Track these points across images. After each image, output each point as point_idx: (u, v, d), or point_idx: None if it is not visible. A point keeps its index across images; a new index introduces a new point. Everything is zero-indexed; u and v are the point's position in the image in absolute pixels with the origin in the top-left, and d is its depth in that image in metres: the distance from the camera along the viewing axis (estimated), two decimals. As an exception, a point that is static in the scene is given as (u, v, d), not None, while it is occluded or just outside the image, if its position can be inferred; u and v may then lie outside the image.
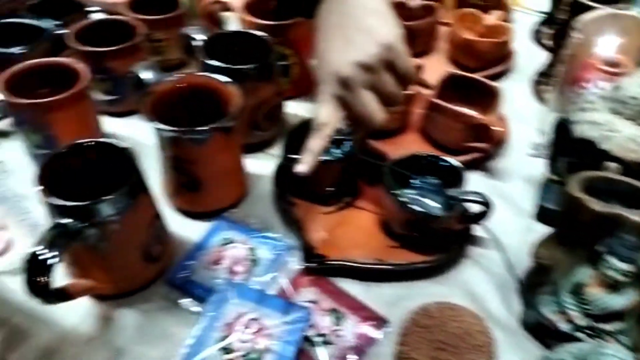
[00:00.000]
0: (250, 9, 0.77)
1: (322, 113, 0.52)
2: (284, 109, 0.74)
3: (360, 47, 0.49)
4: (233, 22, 0.88)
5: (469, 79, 0.74)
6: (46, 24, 0.78)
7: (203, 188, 0.59)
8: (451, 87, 0.73)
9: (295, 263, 0.57)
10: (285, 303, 0.51)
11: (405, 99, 0.71)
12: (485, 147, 0.68)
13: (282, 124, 0.75)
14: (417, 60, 0.78)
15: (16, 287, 0.55)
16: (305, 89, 0.83)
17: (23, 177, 0.66)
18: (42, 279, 0.42)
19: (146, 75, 0.59)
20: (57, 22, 0.79)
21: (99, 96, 0.73)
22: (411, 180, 0.61)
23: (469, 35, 0.86)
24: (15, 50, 0.73)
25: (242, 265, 0.57)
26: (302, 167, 0.53)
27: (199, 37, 0.70)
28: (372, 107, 0.51)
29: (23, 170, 0.68)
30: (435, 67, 0.85)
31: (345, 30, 0.50)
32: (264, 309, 0.51)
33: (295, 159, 0.61)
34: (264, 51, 0.68)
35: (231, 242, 0.59)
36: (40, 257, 0.42)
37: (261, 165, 0.69)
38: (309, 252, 0.57)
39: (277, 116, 0.72)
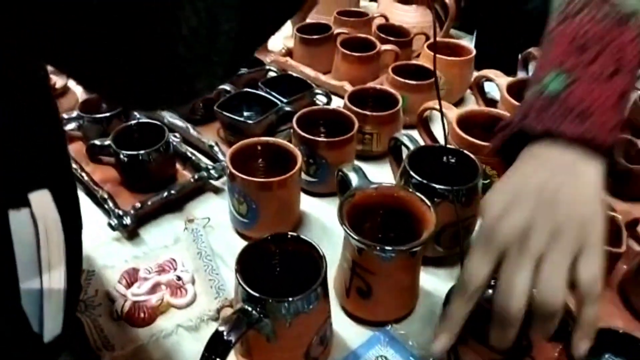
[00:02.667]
0: (461, 124, 0.77)
1: (473, 268, 0.44)
2: (473, 230, 0.72)
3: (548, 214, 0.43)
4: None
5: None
6: (276, 99, 0.87)
7: (374, 298, 0.60)
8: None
9: (446, 405, 0.54)
10: None
11: (609, 255, 0.64)
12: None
13: (467, 244, 0.73)
14: (633, 212, 0.71)
15: (188, 341, 0.59)
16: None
17: (221, 236, 0.73)
18: (217, 359, 0.45)
19: (353, 178, 0.62)
20: (286, 99, 0.87)
21: (302, 175, 0.78)
22: (603, 356, 0.54)
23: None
24: (247, 118, 0.82)
25: (391, 390, 0.55)
26: (440, 344, 0.45)
27: (407, 144, 0.71)
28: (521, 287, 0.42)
29: (223, 229, 0.74)
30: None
31: (540, 192, 0.44)
32: None
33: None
34: (469, 171, 0.66)
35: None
36: (221, 337, 0.46)
37: (434, 282, 0.68)
38: (464, 400, 0.53)
39: (464, 236, 0.70)
